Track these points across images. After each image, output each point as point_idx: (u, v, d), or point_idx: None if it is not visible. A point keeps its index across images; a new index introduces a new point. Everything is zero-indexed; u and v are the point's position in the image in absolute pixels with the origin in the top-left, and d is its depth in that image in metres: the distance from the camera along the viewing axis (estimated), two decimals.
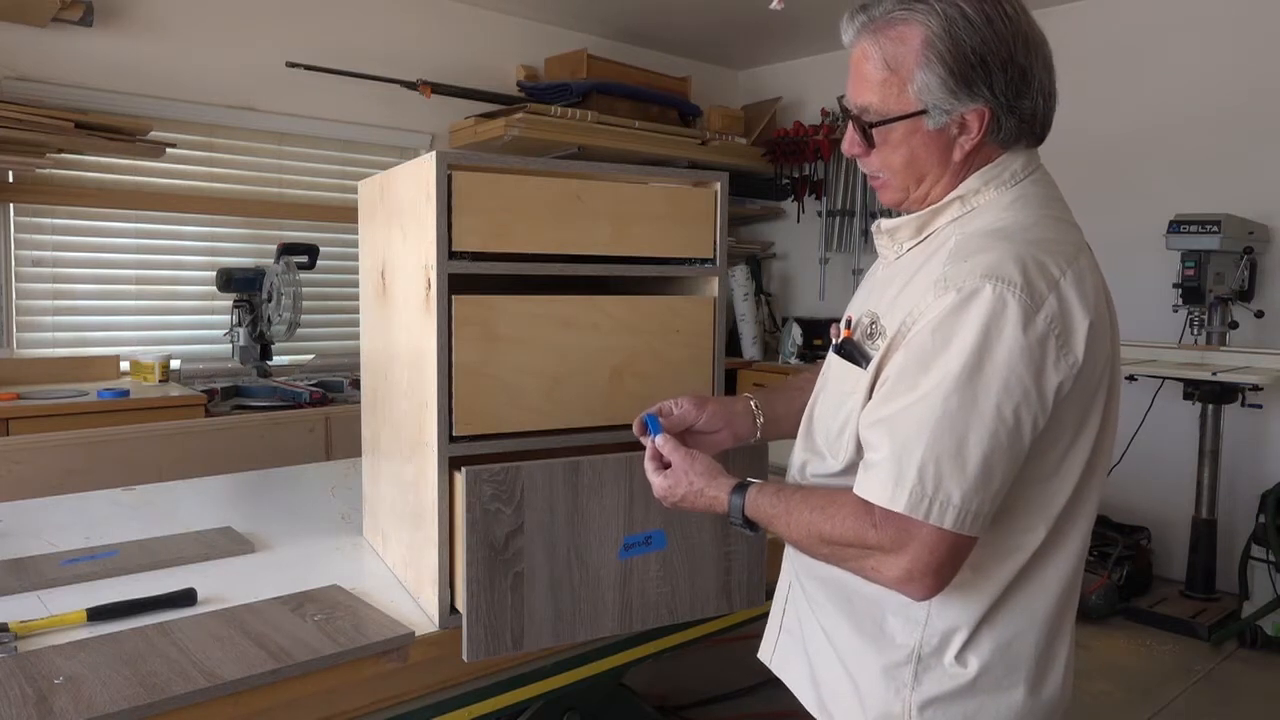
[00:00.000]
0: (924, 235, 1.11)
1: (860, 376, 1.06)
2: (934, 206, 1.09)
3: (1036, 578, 1.06)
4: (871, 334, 1.07)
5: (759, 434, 1.36)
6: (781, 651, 1.28)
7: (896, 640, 1.08)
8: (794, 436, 1.33)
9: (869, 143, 1.09)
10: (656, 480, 1.23)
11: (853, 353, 1.10)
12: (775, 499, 1.10)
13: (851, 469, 1.07)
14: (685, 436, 1.30)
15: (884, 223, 1.15)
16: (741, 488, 1.14)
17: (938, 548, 0.96)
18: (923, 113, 1.04)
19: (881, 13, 1.05)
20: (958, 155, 1.06)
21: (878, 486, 0.98)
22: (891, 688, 1.08)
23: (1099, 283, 1.04)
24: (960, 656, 1.05)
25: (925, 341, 0.97)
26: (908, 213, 1.13)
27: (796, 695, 1.23)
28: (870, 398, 1.05)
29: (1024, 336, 0.94)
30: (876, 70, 1.05)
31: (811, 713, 1.20)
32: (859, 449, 1.05)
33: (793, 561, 1.26)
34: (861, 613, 1.11)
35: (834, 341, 1.15)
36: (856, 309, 1.16)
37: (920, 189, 1.10)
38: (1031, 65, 1.04)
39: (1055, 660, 1.10)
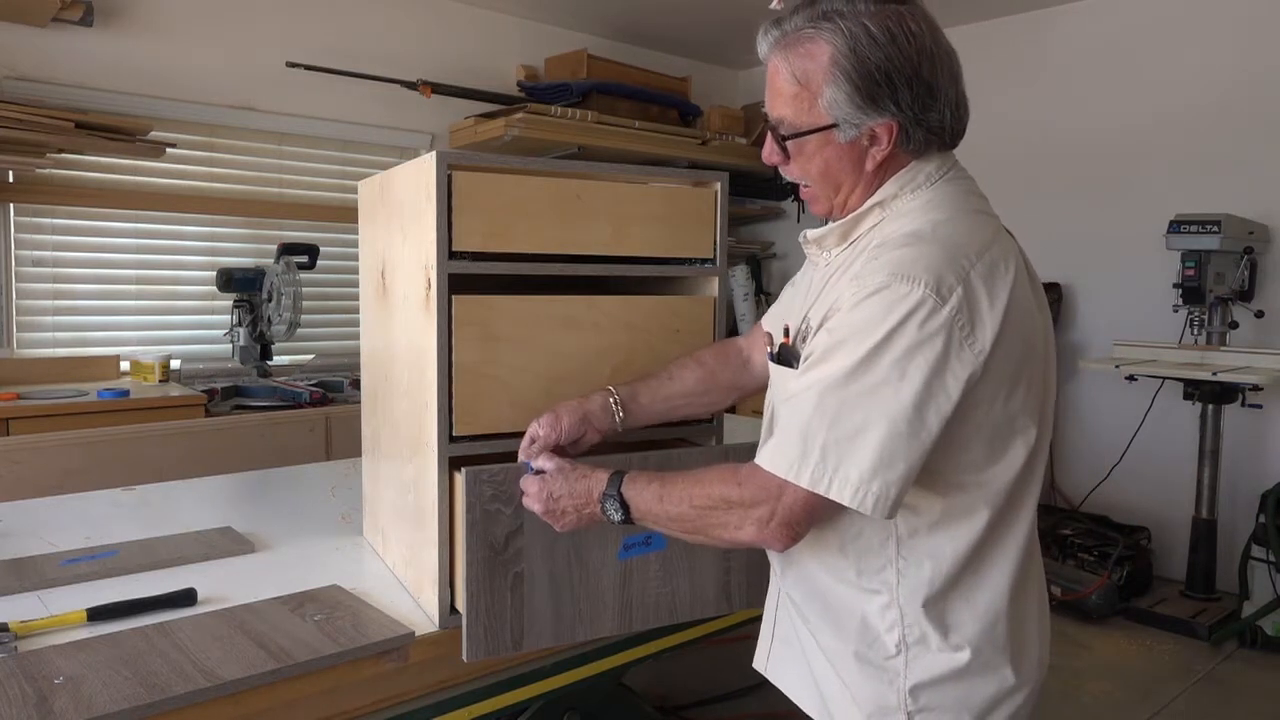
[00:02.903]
0: (849, 241, 1.16)
1: (794, 377, 1.10)
2: (856, 213, 1.14)
3: (994, 559, 1.10)
4: (805, 337, 1.12)
5: (620, 427, 1.39)
6: (776, 659, 1.30)
7: (880, 635, 1.11)
8: (661, 422, 1.44)
9: (785, 154, 1.15)
10: (535, 507, 1.24)
11: (788, 358, 1.15)
12: (652, 477, 1.16)
13: None
14: (557, 452, 1.32)
15: (810, 233, 1.21)
16: (620, 473, 1.19)
17: (796, 505, 1.02)
18: (833, 126, 1.09)
19: (792, 29, 1.09)
20: (870, 166, 1.11)
21: (782, 459, 1.03)
22: (884, 679, 1.11)
23: (1016, 274, 1.07)
24: (947, 640, 1.09)
25: (837, 330, 1.03)
26: (832, 221, 1.18)
27: (795, 701, 1.25)
28: None
29: (928, 326, 0.99)
30: (788, 85, 1.10)
31: (812, 716, 1.22)
32: None
33: (777, 575, 1.28)
34: (841, 614, 1.14)
35: (769, 350, 1.20)
36: (793, 317, 1.21)
37: (839, 197, 1.15)
38: (937, 79, 1.07)
39: (1028, 637, 1.14)
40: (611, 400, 1.37)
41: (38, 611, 1.35)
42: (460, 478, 1.29)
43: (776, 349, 1.18)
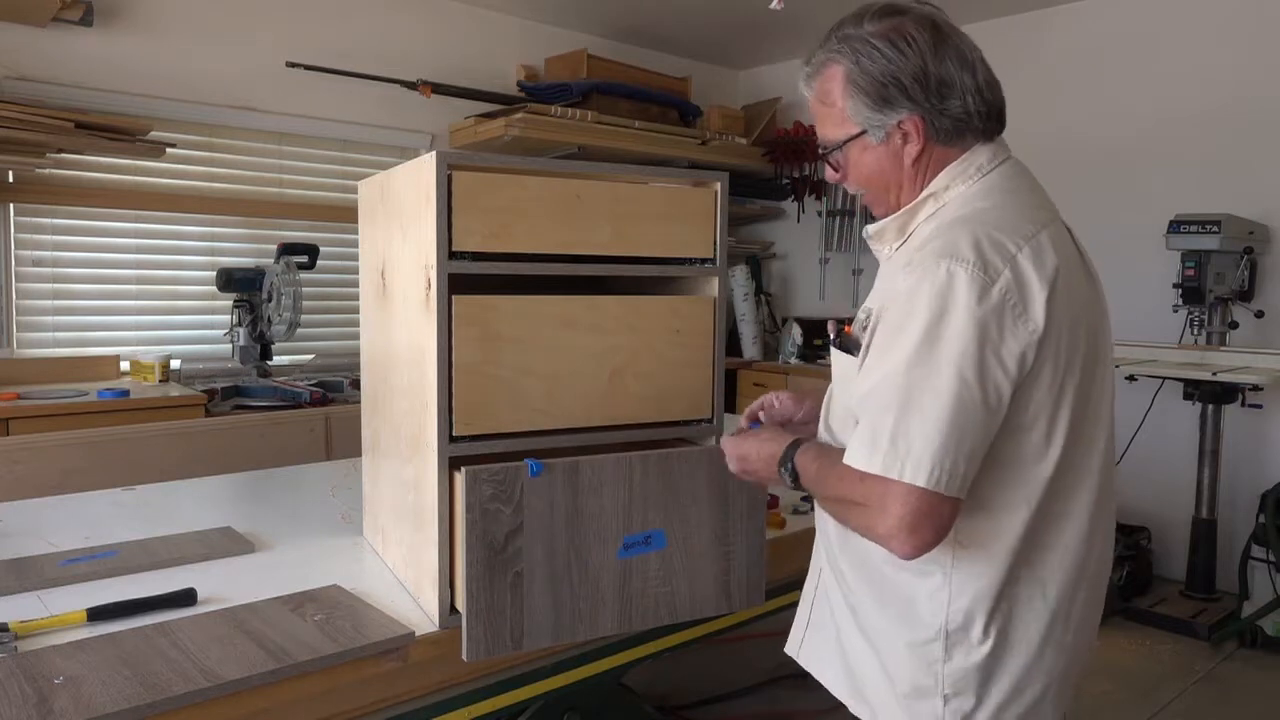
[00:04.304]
0: (907, 234, 1.23)
1: (855, 364, 1.17)
2: (909, 207, 1.22)
3: (1038, 553, 1.14)
4: (866, 326, 1.18)
5: None
6: (810, 644, 1.35)
7: (925, 619, 1.15)
8: None
9: (836, 168, 1.27)
10: (732, 466, 1.35)
11: (849, 345, 1.21)
12: (817, 453, 1.22)
13: None
14: (785, 427, 1.42)
15: (870, 228, 1.28)
16: (796, 443, 1.26)
17: (908, 504, 1.04)
18: (863, 133, 1.20)
19: (815, 63, 1.24)
20: (908, 161, 1.20)
21: (856, 453, 1.09)
22: (922, 662, 1.15)
23: (1066, 258, 1.13)
24: (986, 630, 1.13)
25: (892, 320, 1.10)
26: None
27: (826, 685, 1.30)
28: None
29: (979, 307, 1.04)
30: (820, 108, 1.25)
31: (842, 699, 1.27)
32: None
33: (826, 545, 1.31)
34: (890, 593, 1.18)
35: (832, 338, 1.26)
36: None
37: (892, 197, 1.24)
38: (946, 71, 1.16)
39: (1068, 629, 1.17)
40: None
41: (38, 611, 1.35)
42: (460, 477, 1.29)
43: (839, 338, 1.25)
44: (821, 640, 1.32)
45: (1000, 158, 1.21)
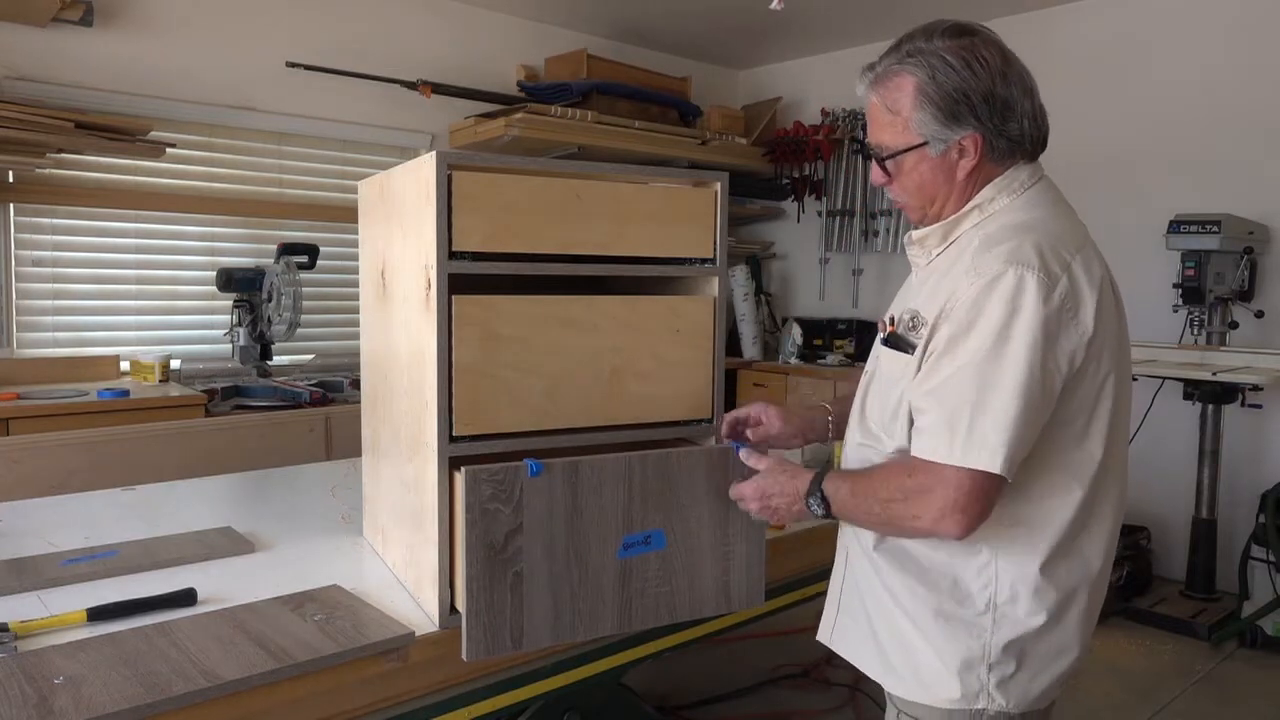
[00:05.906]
0: (950, 241, 1.29)
1: (909, 361, 1.23)
2: (955, 215, 1.27)
3: (1085, 533, 1.22)
4: (913, 326, 1.24)
5: (829, 439, 1.57)
6: (841, 629, 1.39)
7: (972, 595, 1.22)
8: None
9: (887, 174, 1.30)
10: (752, 506, 1.40)
11: (899, 343, 1.26)
12: (846, 475, 1.29)
13: (905, 447, 1.23)
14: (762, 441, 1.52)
15: (914, 234, 1.34)
16: (822, 474, 1.31)
17: (962, 485, 1.13)
18: (924, 144, 1.24)
19: (882, 69, 1.27)
20: (961, 176, 1.25)
21: (939, 445, 1.15)
22: (972, 634, 1.22)
23: (1104, 270, 1.22)
24: (1033, 603, 1.20)
25: (961, 319, 1.16)
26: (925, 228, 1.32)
27: (860, 667, 1.34)
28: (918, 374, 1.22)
29: (1043, 308, 1.12)
30: (883, 115, 1.28)
31: (877, 679, 1.31)
32: (912, 425, 1.21)
33: (856, 530, 1.34)
34: (934, 577, 1.24)
35: (880, 335, 1.31)
36: (896, 309, 1.32)
37: (934, 208, 1.29)
38: (1011, 94, 1.22)
39: (1093, 609, 1.27)
40: (830, 419, 1.55)
41: (38, 611, 1.35)
42: (460, 477, 1.29)
43: (887, 334, 1.31)
44: (854, 624, 1.35)
45: (1038, 175, 1.28)
